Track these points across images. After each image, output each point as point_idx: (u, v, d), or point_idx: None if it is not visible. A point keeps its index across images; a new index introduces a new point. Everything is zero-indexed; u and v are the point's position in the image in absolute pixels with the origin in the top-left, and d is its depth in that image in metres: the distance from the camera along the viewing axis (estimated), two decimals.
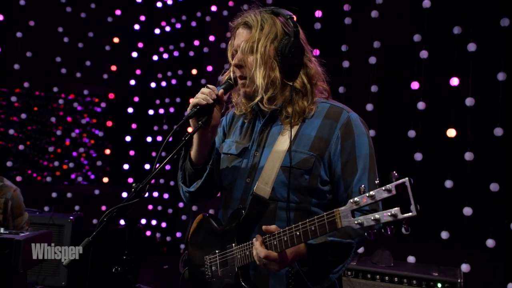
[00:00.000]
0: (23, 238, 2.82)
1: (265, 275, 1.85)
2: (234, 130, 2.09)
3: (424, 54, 3.94)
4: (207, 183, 1.96)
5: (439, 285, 3.23)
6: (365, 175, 1.82)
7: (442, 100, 3.89)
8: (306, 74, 1.91)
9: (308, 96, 1.91)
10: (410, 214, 1.30)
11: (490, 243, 3.58)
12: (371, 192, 1.38)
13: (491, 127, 3.58)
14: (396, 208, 1.34)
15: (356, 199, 1.42)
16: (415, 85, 4.05)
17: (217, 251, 1.94)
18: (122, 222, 4.66)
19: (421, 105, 3.91)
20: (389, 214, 1.34)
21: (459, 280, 3.19)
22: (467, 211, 3.68)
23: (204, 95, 1.81)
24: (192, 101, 1.80)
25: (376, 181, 1.40)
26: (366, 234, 1.43)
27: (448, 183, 3.79)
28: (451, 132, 3.80)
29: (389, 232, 1.37)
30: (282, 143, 1.88)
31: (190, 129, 1.87)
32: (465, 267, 3.61)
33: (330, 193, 1.88)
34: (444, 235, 3.74)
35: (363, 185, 1.43)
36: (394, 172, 1.36)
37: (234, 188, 1.95)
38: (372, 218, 1.38)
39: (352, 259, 1.81)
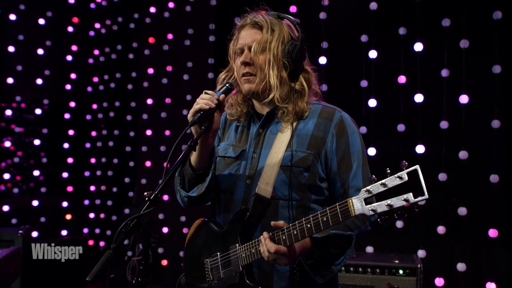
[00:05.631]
0: None
1: (269, 272, 1.91)
2: (229, 134, 2.14)
3: (373, 54, 4.12)
4: (210, 187, 1.99)
5: (401, 271, 3.40)
6: (359, 170, 1.93)
7: (391, 97, 4.09)
8: (304, 77, 2.01)
9: (304, 97, 2.00)
10: (423, 197, 1.39)
11: (440, 229, 3.80)
12: (383, 180, 1.46)
13: (438, 121, 3.84)
14: (408, 193, 1.42)
15: (368, 187, 1.49)
16: (364, 83, 4.22)
17: (218, 253, 1.97)
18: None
19: (372, 103, 4.08)
20: (403, 198, 1.43)
21: (418, 265, 3.38)
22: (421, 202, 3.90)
23: (205, 100, 1.84)
24: (194, 107, 1.83)
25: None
26: (378, 220, 1.50)
27: None
28: (401, 127, 4.01)
29: (402, 217, 1.45)
30: (280, 143, 1.95)
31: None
32: (421, 253, 3.82)
33: (328, 189, 1.97)
34: (399, 224, 3.93)
35: (373, 176, 1.50)
36: (404, 161, 1.44)
37: (235, 190, 1.99)
38: (385, 204, 1.46)
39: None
